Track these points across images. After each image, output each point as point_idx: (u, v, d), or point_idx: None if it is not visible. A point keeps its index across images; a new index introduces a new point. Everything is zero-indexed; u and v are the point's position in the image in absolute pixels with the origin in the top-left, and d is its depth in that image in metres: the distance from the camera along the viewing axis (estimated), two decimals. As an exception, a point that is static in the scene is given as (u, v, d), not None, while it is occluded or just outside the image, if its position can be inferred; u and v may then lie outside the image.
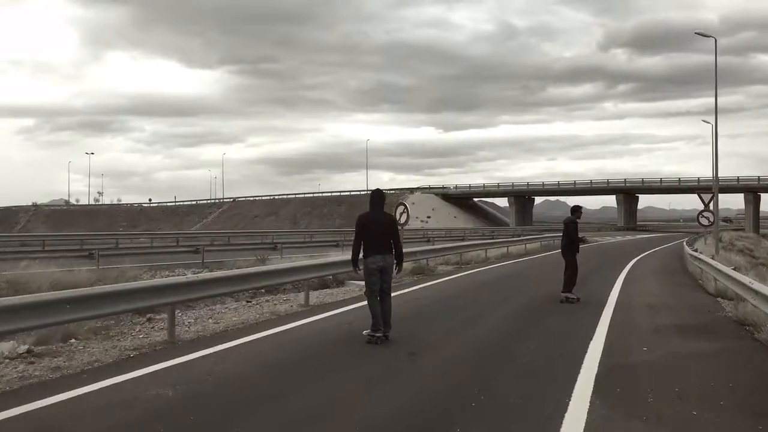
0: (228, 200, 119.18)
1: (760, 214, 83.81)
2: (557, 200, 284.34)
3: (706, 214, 31.17)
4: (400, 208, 22.31)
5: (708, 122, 65.62)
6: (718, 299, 12.02)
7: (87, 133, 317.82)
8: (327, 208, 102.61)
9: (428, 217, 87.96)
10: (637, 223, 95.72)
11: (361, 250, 7.86)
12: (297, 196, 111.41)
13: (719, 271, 11.58)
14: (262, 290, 13.07)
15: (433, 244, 27.95)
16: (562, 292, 11.55)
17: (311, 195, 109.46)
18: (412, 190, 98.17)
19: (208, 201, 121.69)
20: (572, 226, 12.07)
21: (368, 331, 7.66)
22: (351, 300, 11.52)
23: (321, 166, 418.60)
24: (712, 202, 31.53)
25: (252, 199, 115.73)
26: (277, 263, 16.01)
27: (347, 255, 9.63)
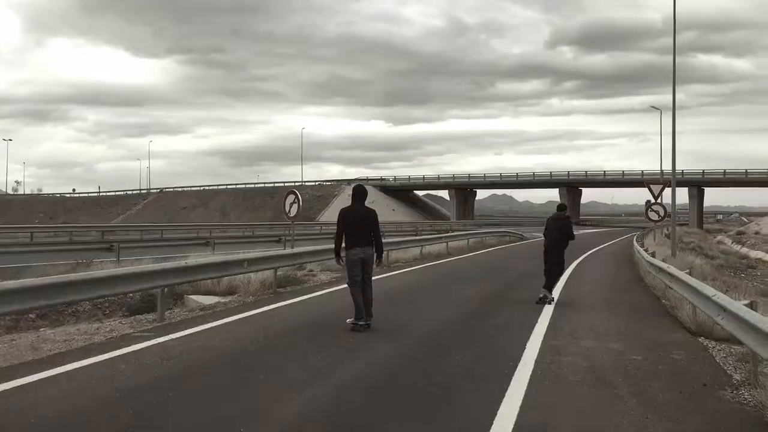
0: (155, 191, 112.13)
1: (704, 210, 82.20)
2: (504, 194, 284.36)
3: (656, 207, 27.28)
4: (290, 198, 17.93)
5: (656, 108, 62.67)
6: (704, 341, 7.50)
7: (27, 122, 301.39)
8: (259, 199, 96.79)
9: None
10: (581, 217, 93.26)
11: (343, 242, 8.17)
12: (228, 187, 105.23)
13: (715, 303, 6.76)
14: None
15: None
16: (544, 287, 10.77)
17: (243, 186, 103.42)
18: (349, 182, 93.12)
19: (134, 192, 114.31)
20: (569, 223, 11.49)
21: (352, 319, 8.00)
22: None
23: (271, 159, 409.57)
24: (661, 196, 28.09)
25: (180, 189, 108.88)
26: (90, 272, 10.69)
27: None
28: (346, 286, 8.42)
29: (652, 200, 26.81)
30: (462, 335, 7.80)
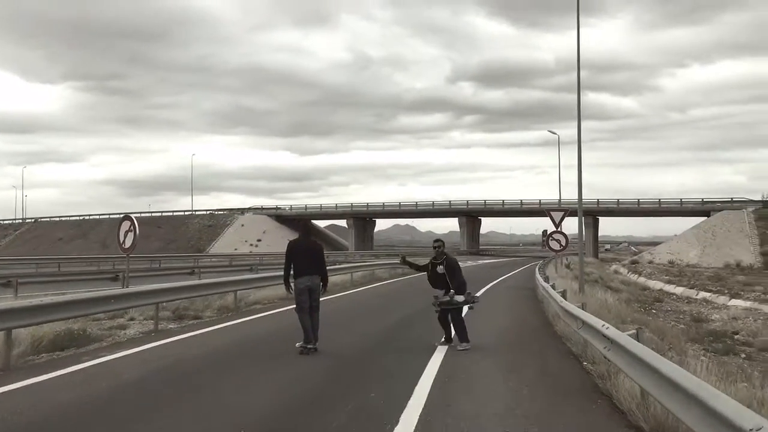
0: (29, 220, 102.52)
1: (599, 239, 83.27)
2: (407, 225, 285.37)
3: (556, 236, 25.10)
4: (125, 225, 14.11)
5: (554, 133, 62.91)
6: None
7: None
8: (144, 229, 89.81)
9: (258, 240, 78.62)
10: (480, 247, 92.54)
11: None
12: (111, 216, 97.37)
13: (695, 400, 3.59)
14: None
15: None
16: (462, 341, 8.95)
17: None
18: (242, 211, 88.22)
19: (5, 222, 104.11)
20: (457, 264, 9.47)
21: (301, 343, 8.51)
22: None
23: (171, 189, 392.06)
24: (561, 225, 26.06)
25: (57, 219, 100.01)
26: None
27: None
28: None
29: (552, 229, 24.69)
30: None
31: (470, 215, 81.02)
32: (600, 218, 76.57)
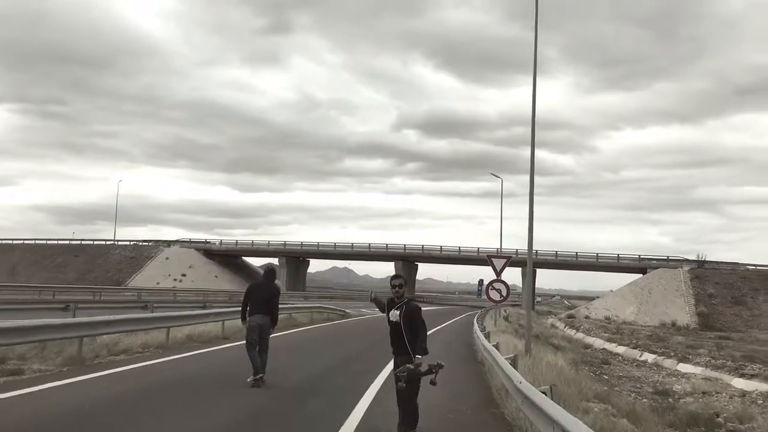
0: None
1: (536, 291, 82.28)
2: (345, 267, 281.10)
3: (497, 285, 22.82)
4: None
5: (498, 176, 61.46)
6: None
7: None
8: (61, 258, 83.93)
9: (183, 275, 74.11)
10: (416, 293, 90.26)
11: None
12: (26, 242, 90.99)
13: None
14: None
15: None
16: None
17: (44, 242, 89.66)
18: (169, 243, 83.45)
19: None
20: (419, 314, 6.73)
21: (251, 377, 9.22)
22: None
23: (106, 218, 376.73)
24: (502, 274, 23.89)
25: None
26: None
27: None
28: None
29: (491, 278, 22.50)
30: None
31: (407, 260, 78.75)
32: (537, 270, 75.60)
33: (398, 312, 6.54)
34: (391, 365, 11.87)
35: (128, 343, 13.12)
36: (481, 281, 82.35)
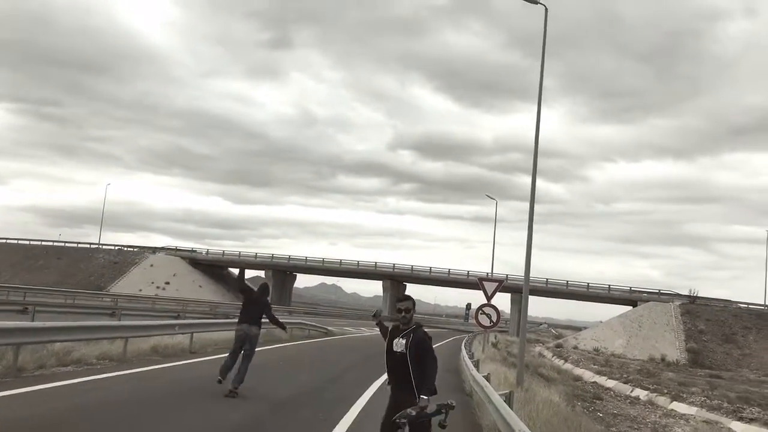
0: None
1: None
2: (334, 284, 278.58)
3: (487, 310, 21.82)
4: None
5: (493, 198, 60.78)
6: None
7: None
8: (43, 260, 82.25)
9: (167, 283, 72.62)
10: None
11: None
12: (8, 241, 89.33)
13: None
14: None
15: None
16: None
17: (27, 242, 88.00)
18: (154, 250, 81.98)
19: None
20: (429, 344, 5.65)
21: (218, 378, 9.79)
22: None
23: (95, 223, 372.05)
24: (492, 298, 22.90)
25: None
26: None
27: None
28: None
29: (479, 302, 21.59)
30: None
31: (396, 279, 77.59)
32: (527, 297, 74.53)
33: (404, 341, 5.44)
34: (372, 390, 10.69)
35: (84, 352, 11.97)
36: (468, 305, 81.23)
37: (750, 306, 63.46)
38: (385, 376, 13.82)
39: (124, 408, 7.78)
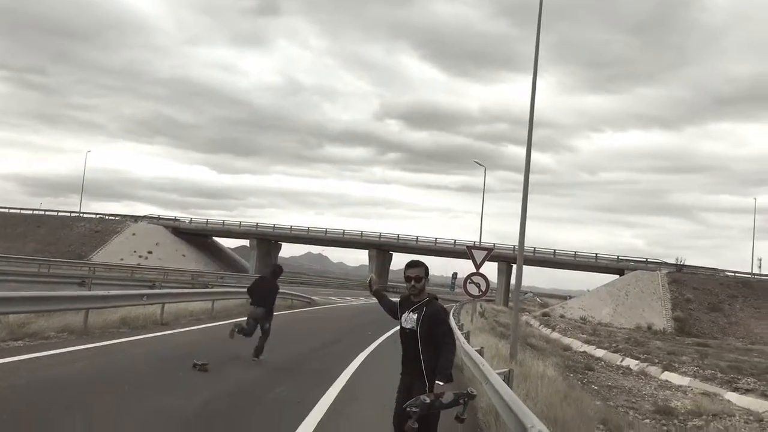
0: None
1: (511, 286, 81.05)
2: (320, 253, 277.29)
3: (476, 279, 21.04)
4: None
5: (481, 164, 59.67)
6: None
7: None
8: (22, 228, 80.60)
9: (149, 252, 71.41)
10: (389, 283, 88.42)
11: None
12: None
13: None
14: None
15: None
16: None
17: (6, 210, 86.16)
18: (136, 218, 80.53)
19: None
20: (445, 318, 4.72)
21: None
22: None
23: (78, 192, 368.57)
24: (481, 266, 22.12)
25: None
26: None
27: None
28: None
29: (467, 272, 20.85)
30: None
31: (382, 249, 76.86)
32: (512, 266, 74.13)
33: (415, 316, 4.58)
34: (354, 366, 9.99)
35: (43, 325, 10.99)
36: (455, 274, 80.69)
37: (737, 274, 63.48)
38: (371, 349, 12.88)
39: (62, 389, 6.84)
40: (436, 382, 4.30)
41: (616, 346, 31.34)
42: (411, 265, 4.75)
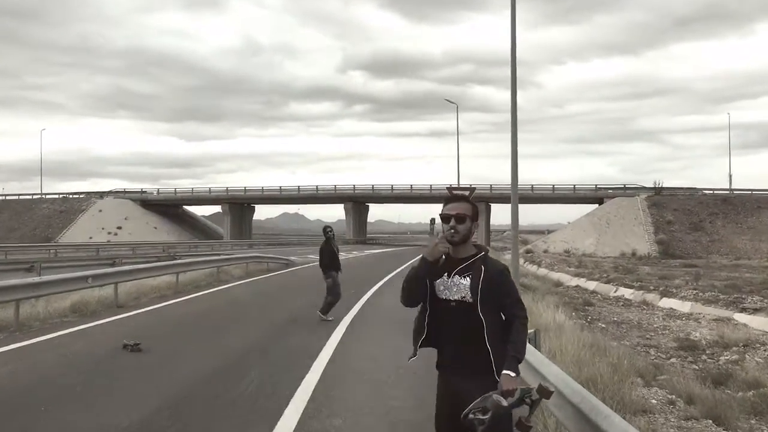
0: None
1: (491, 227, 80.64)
2: (296, 213, 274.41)
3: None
4: None
5: (453, 102, 58.00)
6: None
7: None
8: (-19, 215, 77.48)
9: (119, 228, 69.06)
10: (368, 236, 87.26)
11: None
12: None
13: None
14: None
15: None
16: None
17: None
18: (102, 194, 77.75)
19: None
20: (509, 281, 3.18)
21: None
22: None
23: (45, 174, 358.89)
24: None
25: None
26: None
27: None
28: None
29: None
30: None
31: (357, 201, 75.32)
32: (492, 205, 73.21)
33: (467, 282, 3.07)
34: (334, 343, 8.56)
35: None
36: (433, 220, 79.55)
37: (715, 192, 63.17)
38: (351, 317, 11.01)
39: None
40: (505, 372, 2.92)
41: (606, 276, 30.48)
42: (451, 198, 3.28)
